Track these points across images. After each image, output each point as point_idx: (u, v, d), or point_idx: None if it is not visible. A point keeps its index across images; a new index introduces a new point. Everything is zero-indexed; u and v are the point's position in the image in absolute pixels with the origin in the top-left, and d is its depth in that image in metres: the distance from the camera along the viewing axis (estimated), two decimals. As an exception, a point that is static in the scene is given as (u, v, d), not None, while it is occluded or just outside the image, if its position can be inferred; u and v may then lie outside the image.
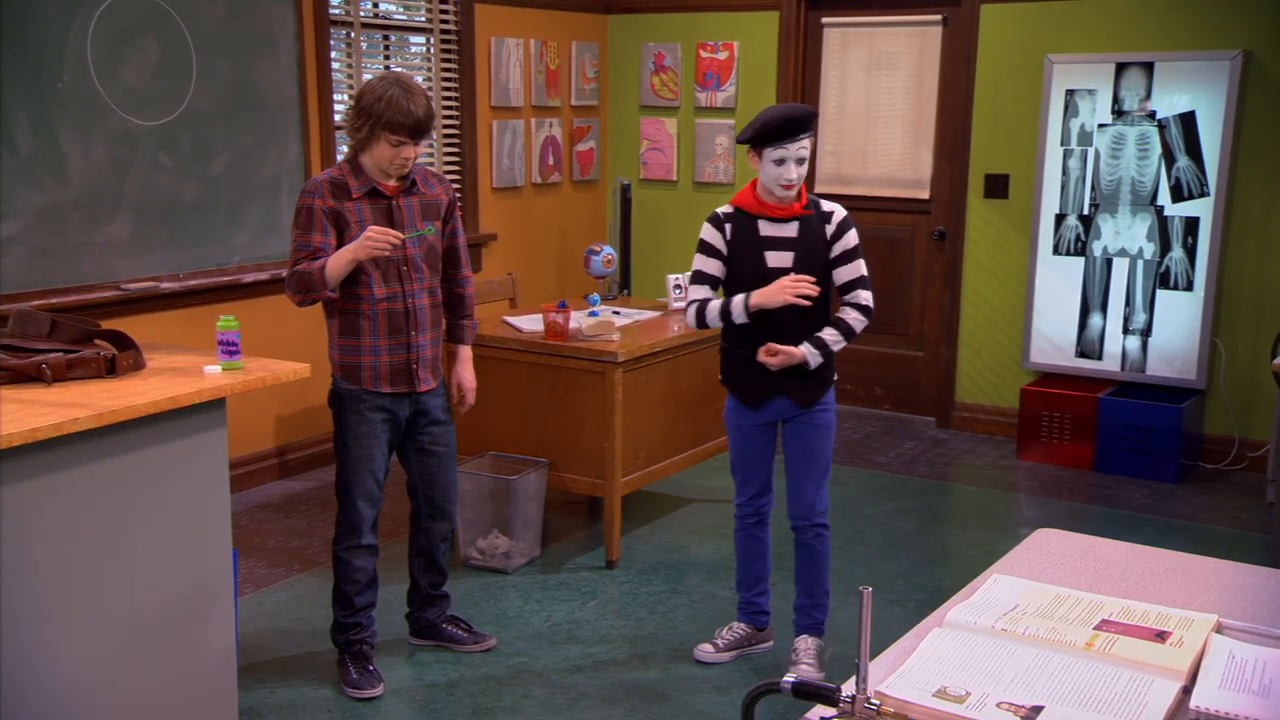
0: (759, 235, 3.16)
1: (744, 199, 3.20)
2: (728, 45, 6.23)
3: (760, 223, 3.16)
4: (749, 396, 3.27)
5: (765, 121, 3.05)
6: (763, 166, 3.10)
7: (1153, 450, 5.10)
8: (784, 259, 3.15)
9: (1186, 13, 5.04)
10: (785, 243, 3.15)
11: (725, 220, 3.20)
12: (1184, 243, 5.06)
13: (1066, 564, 1.87)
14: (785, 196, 3.13)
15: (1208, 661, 1.48)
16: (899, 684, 1.41)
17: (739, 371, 3.26)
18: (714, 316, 3.18)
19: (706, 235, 3.22)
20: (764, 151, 3.07)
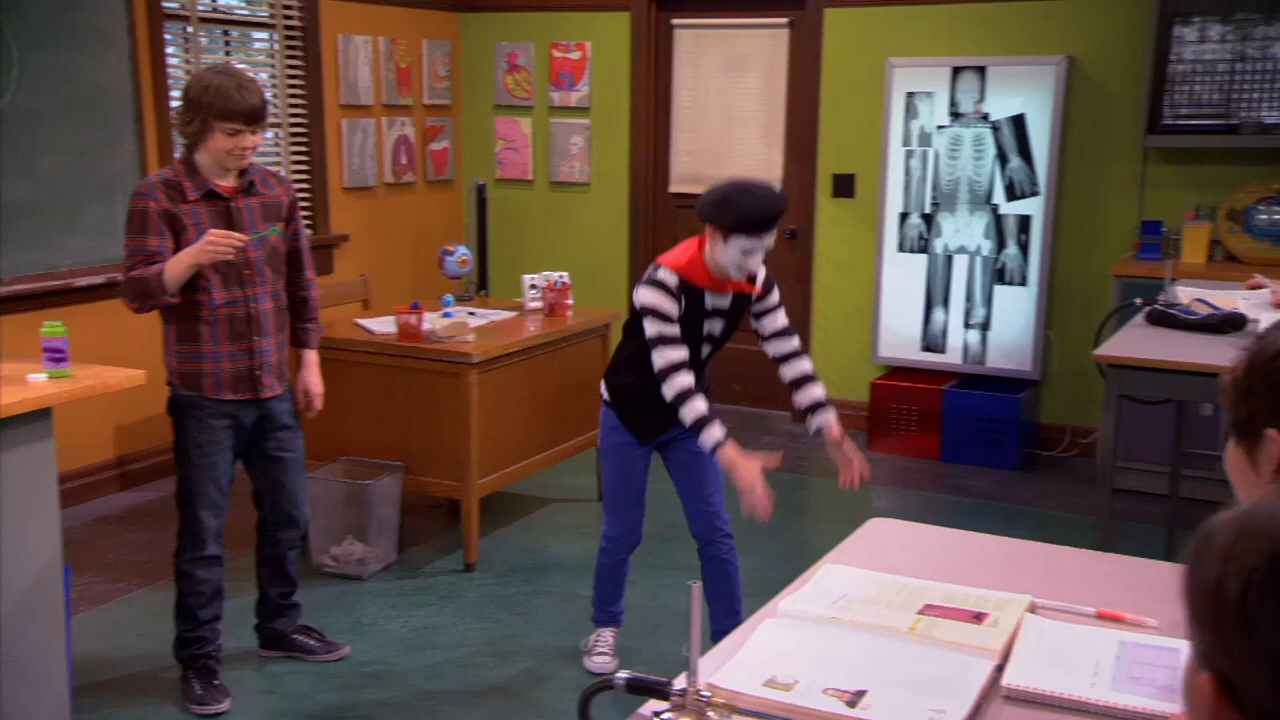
0: (704, 307, 3.00)
1: (694, 273, 2.96)
2: (580, 45, 6.25)
3: (705, 295, 2.99)
4: (648, 431, 3.16)
5: (745, 213, 2.83)
6: (725, 248, 2.87)
7: (995, 439, 5.31)
8: (716, 326, 3.06)
9: (1015, 19, 5.28)
10: (719, 312, 3.05)
11: (679, 293, 2.94)
12: (1018, 240, 5.30)
13: (897, 552, 1.95)
14: (740, 279, 2.98)
15: (1020, 640, 1.56)
16: (730, 675, 1.44)
17: (637, 406, 3.12)
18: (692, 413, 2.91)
19: (660, 305, 2.92)
20: (733, 237, 2.85)
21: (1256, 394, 1.29)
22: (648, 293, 2.94)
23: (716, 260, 2.92)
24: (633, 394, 3.13)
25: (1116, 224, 5.22)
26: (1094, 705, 1.41)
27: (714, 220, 2.88)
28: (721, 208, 2.87)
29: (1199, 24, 4.76)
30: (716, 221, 2.88)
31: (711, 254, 2.93)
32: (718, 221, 2.87)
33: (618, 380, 3.18)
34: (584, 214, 6.43)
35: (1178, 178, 5.07)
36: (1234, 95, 4.74)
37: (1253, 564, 0.80)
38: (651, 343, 2.95)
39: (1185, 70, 4.80)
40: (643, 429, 3.16)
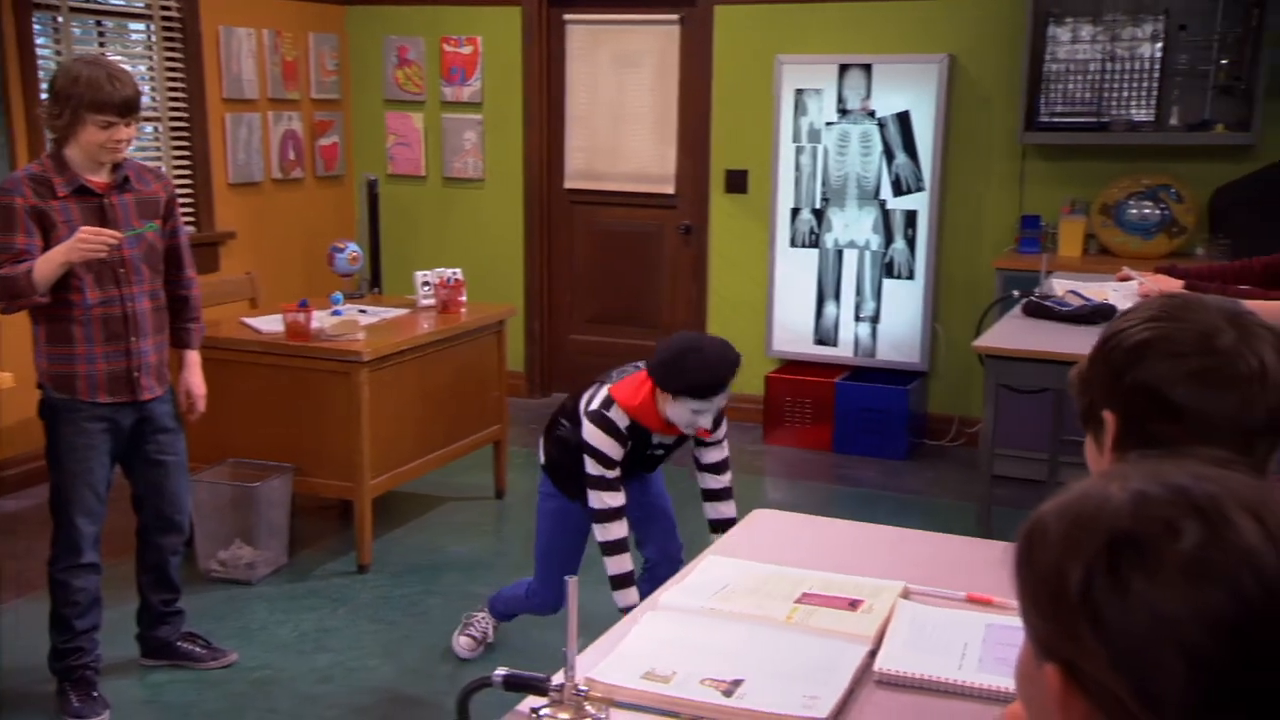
0: (650, 444, 2.97)
1: (645, 417, 2.87)
2: (471, 40, 6.20)
3: (653, 435, 2.95)
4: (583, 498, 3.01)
5: (696, 379, 2.76)
6: (674, 407, 2.80)
7: (884, 430, 5.43)
8: (659, 452, 3.04)
9: (898, 18, 5.40)
10: (666, 446, 3.03)
11: (628, 437, 2.88)
12: (905, 234, 5.42)
13: (779, 542, 1.98)
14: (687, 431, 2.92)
15: (893, 626, 1.60)
16: (609, 669, 1.45)
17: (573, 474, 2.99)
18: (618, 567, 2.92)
19: (607, 449, 2.85)
20: (681, 399, 2.78)
21: (1094, 381, 1.35)
22: (595, 434, 2.85)
23: (668, 416, 2.84)
24: (569, 454, 3.01)
25: (998, 218, 5.38)
26: (961, 686, 1.46)
27: (664, 384, 2.79)
28: (670, 372, 2.78)
29: (1071, 24, 4.93)
30: (666, 386, 2.78)
31: (661, 406, 2.84)
32: (667, 386, 2.78)
33: (555, 445, 3.07)
34: (478, 210, 6.39)
35: (1054, 173, 5.24)
36: (1105, 94, 4.92)
37: (1092, 551, 0.83)
38: (590, 483, 2.89)
39: (1059, 69, 4.97)
40: (579, 494, 3.03)
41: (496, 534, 4.63)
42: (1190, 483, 0.83)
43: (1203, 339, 1.29)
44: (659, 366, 2.80)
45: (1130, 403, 1.31)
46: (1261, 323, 1.34)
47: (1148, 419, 1.30)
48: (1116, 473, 0.89)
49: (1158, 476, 0.85)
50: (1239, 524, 0.80)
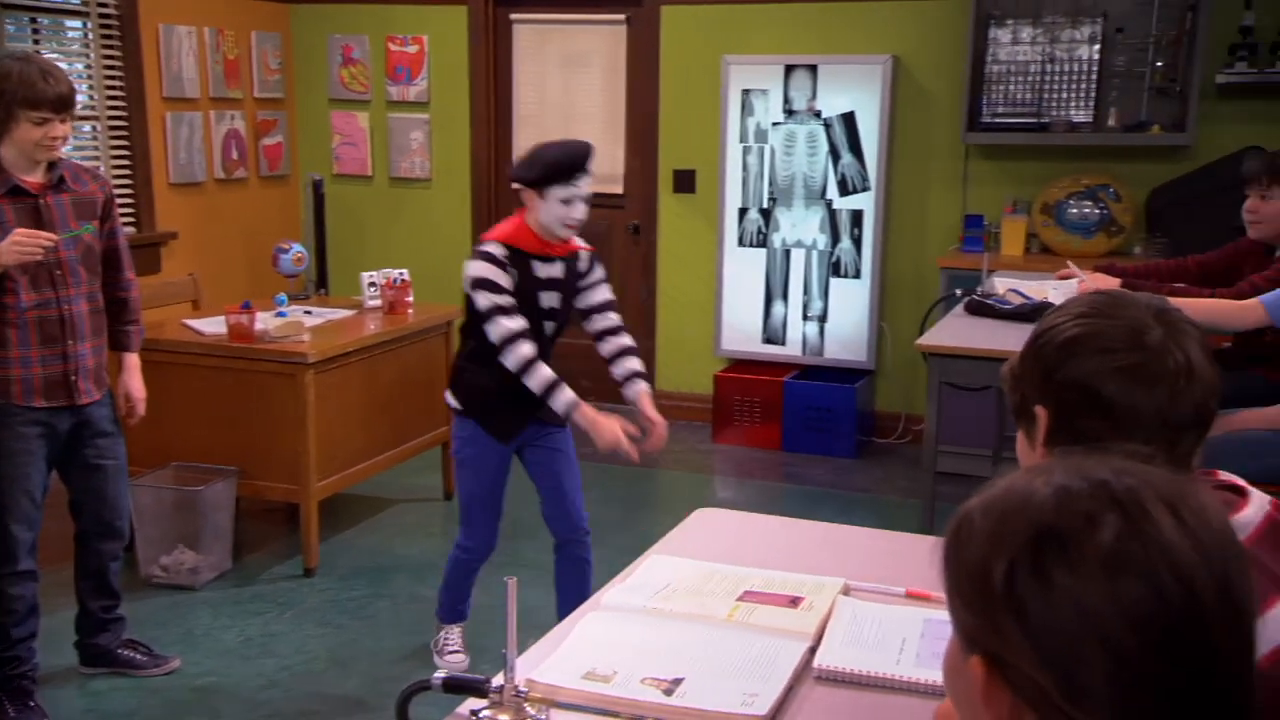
0: (534, 276, 3.00)
1: (521, 238, 2.97)
2: (417, 39, 6.17)
3: (534, 262, 3.00)
4: (504, 429, 3.10)
5: (552, 159, 2.91)
6: (544, 206, 2.91)
7: (832, 428, 5.47)
8: (553, 299, 3.05)
9: (842, 19, 5.44)
10: (553, 282, 3.04)
11: (507, 262, 2.94)
12: (851, 234, 5.46)
13: (722, 541, 1.99)
14: (566, 236, 3.00)
15: (833, 622, 1.62)
16: (550, 670, 1.45)
17: (491, 402, 3.06)
18: (540, 381, 2.92)
19: (491, 275, 2.91)
20: (549, 190, 2.89)
21: (1026, 377, 1.37)
22: (476, 265, 2.93)
23: (540, 221, 2.96)
24: (484, 393, 3.07)
25: (942, 218, 5.44)
26: (898, 681, 1.47)
27: (527, 179, 2.93)
28: (531, 164, 2.93)
29: (1011, 26, 5.00)
30: (530, 179, 2.92)
31: (534, 217, 2.97)
32: (531, 179, 2.92)
33: (465, 383, 3.11)
34: (425, 210, 6.35)
35: (996, 173, 5.31)
36: (1045, 95, 4.99)
37: (1016, 545, 0.84)
38: (487, 315, 2.92)
39: (1000, 70, 5.03)
40: (503, 427, 3.09)
41: (445, 535, 4.59)
42: (1111, 477, 0.85)
43: (1132, 335, 1.31)
44: (519, 168, 2.96)
45: (1061, 398, 1.33)
46: (1187, 319, 1.37)
47: (1078, 414, 1.32)
48: (1041, 468, 0.90)
49: (1080, 471, 0.87)
50: (1157, 518, 0.81)
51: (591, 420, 2.94)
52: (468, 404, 3.12)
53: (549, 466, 3.20)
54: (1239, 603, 0.81)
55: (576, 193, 2.92)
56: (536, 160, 2.94)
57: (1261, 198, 3.45)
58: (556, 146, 2.98)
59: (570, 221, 2.95)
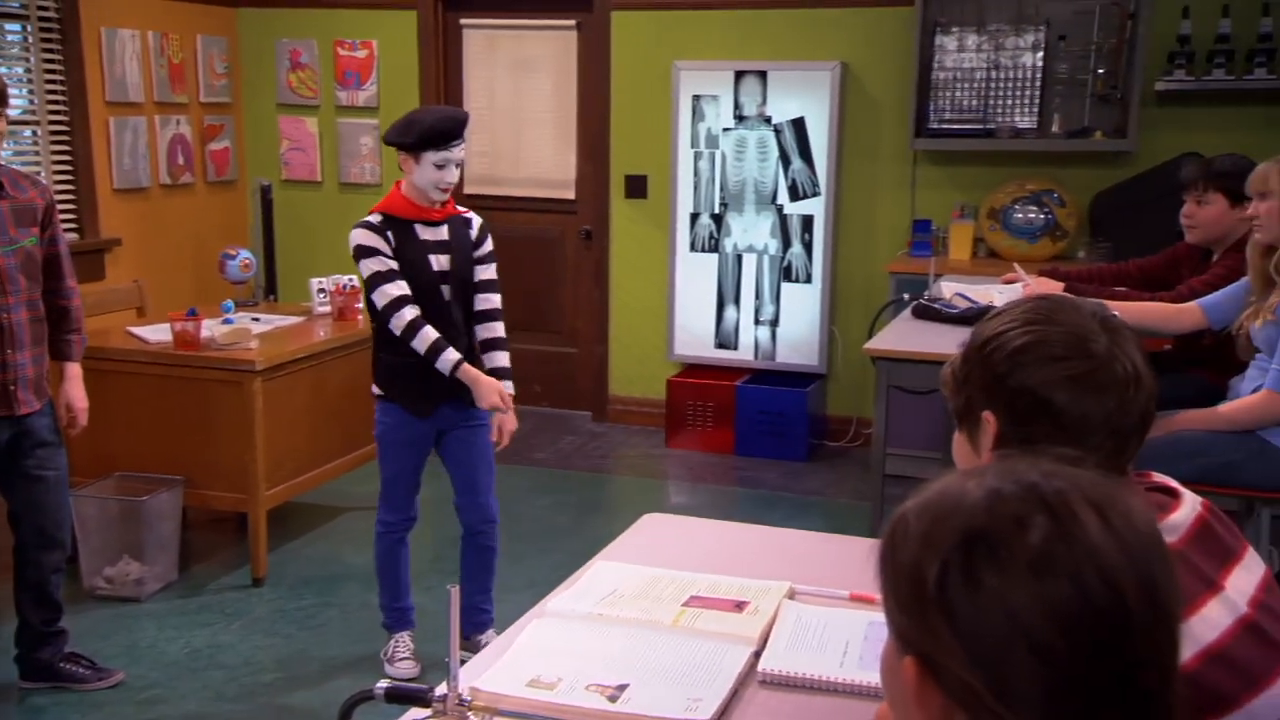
0: (419, 239, 3.11)
1: (394, 205, 3.11)
2: (366, 44, 6.12)
3: (416, 227, 3.11)
4: (420, 404, 3.18)
5: (428, 126, 3.01)
6: (419, 170, 3.04)
7: (784, 432, 5.50)
8: (443, 262, 3.14)
9: (791, 25, 5.48)
10: (441, 245, 3.14)
11: (383, 227, 3.07)
12: (802, 239, 5.50)
13: (669, 546, 1.99)
14: (440, 199, 3.11)
15: (778, 626, 1.62)
16: (494, 678, 1.45)
17: (404, 380, 3.15)
18: (424, 342, 3.04)
19: (369, 241, 3.05)
20: (423, 155, 3.01)
21: (972, 382, 1.38)
22: (355, 235, 3.05)
23: (416, 185, 3.07)
24: (395, 371, 3.16)
25: (891, 223, 5.49)
26: (841, 684, 1.48)
27: (402, 143, 3.02)
28: (406, 128, 3.02)
29: (957, 34, 5.06)
30: (404, 143, 3.01)
31: (410, 183, 3.08)
32: (406, 143, 3.01)
33: (380, 366, 3.21)
34: (376, 216, 6.30)
35: (944, 179, 5.37)
36: (990, 101, 5.06)
37: (947, 546, 0.85)
38: (371, 284, 3.04)
39: (947, 77, 5.09)
40: (418, 403, 3.18)
41: (396, 543, 4.57)
42: (1041, 480, 0.86)
43: (1078, 343, 1.33)
44: (395, 131, 3.04)
45: (1012, 405, 1.34)
46: (1126, 325, 1.39)
47: (1029, 420, 1.33)
48: (975, 471, 0.92)
49: (1011, 474, 0.88)
50: (1084, 520, 0.83)
51: (474, 378, 3.07)
52: (385, 386, 3.20)
53: (464, 457, 3.29)
54: (1163, 604, 0.82)
55: (450, 157, 3.03)
56: (413, 126, 3.03)
57: (1198, 203, 3.52)
58: (433, 113, 3.08)
59: (443, 185, 3.06)
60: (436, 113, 3.08)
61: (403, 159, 3.07)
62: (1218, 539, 1.39)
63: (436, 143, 2.99)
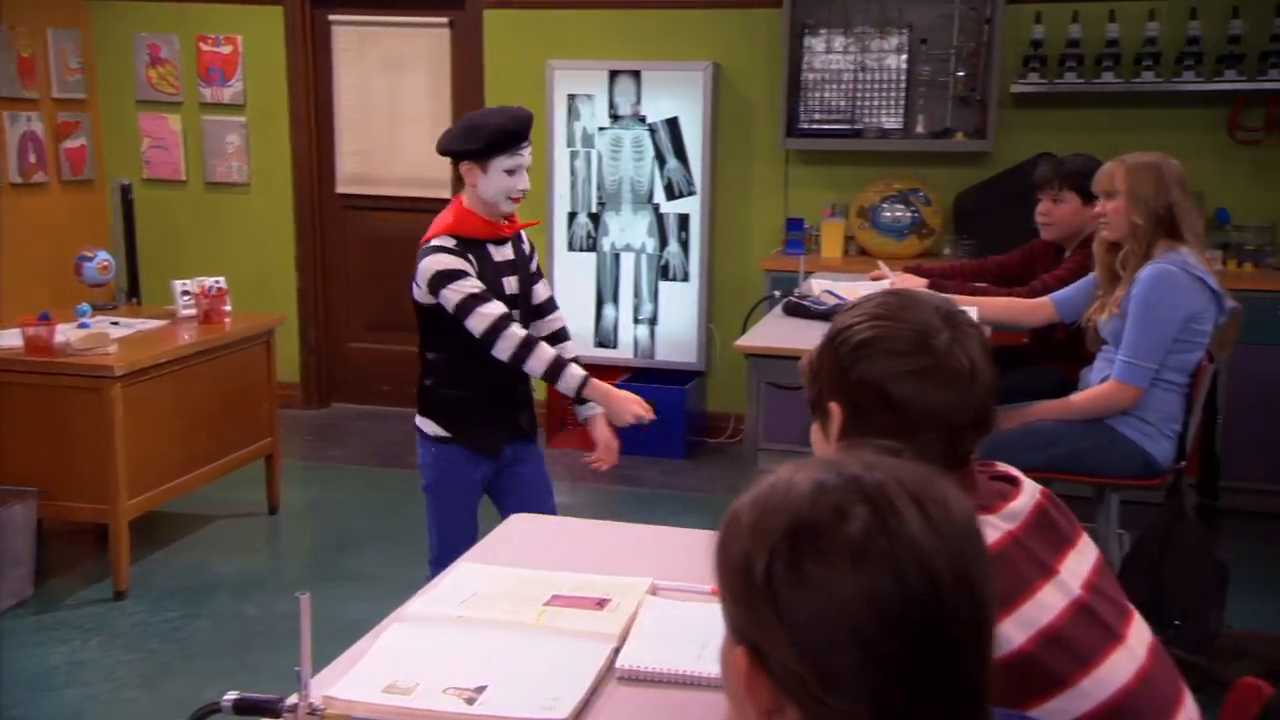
0: (493, 261, 2.80)
1: (467, 225, 2.78)
2: (230, 39, 5.96)
3: (489, 247, 2.80)
4: (493, 443, 2.90)
5: (497, 127, 2.71)
6: (487, 179, 2.73)
7: (664, 430, 5.52)
8: (513, 284, 2.85)
9: (664, 26, 5.51)
10: (510, 266, 2.85)
11: (463, 250, 2.74)
12: (679, 238, 5.55)
13: (535, 547, 1.99)
14: (511, 210, 2.82)
15: (638, 623, 1.64)
16: (349, 685, 1.43)
17: (478, 417, 2.86)
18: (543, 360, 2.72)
19: (453, 264, 2.71)
20: (492, 162, 2.71)
21: (822, 374, 1.42)
22: (431, 261, 2.71)
23: (483, 198, 2.77)
24: (465, 407, 2.86)
25: (765, 221, 5.57)
26: (699, 678, 1.50)
27: (467, 151, 2.72)
28: (471, 134, 2.73)
29: (825, 36, 5.16)
30: (470, 151, 2.72)
31: (475, 196, 2.78)
32: (471, 149, 2.71)
33: (440, 401, 2.87)
34: (245, 216, 6.14)
35: (815, 178, 5.48)
36: (858, 102, 5.18)
37: (774, 538, 0.87)
38: (463, 310, 2.68)
39: (816, 78, 5.19)
40: (490, 441, 2.89)
41: (270, 551, 4.47)
42: (863, 472, 0.89)
43: (921, 338, 1.37)
44: (457, 139, 2.74)
45: (855, 397, 1.38)
46: (970, 322, 1.44)
47: (871, 412, 1.37)
48: (804, 463, 0.94)
49: (835, 466, 0.90)
50: (903, 511, 0.85)
51: (605, 393, 2.80)
52: (451, 424, 2.87)
53: (532, 493, 2.99)
54: (977, 592, 0.86)
55: (522, 162, 2.75)
56: (478, 129, 2.73)
57: (1054, 201, 3.66)
58: (498, 113, 2.79)
59: (515, 194, 2.78)
60: (502, 113, 2.77)
61: (466, 169, 2.75)
62: (1055, 525, 1.44)
63: (507, 145, 2.70)
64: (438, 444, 2.89)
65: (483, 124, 2.74)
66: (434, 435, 2.89)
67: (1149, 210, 3.03)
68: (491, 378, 2.82)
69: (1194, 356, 3.05)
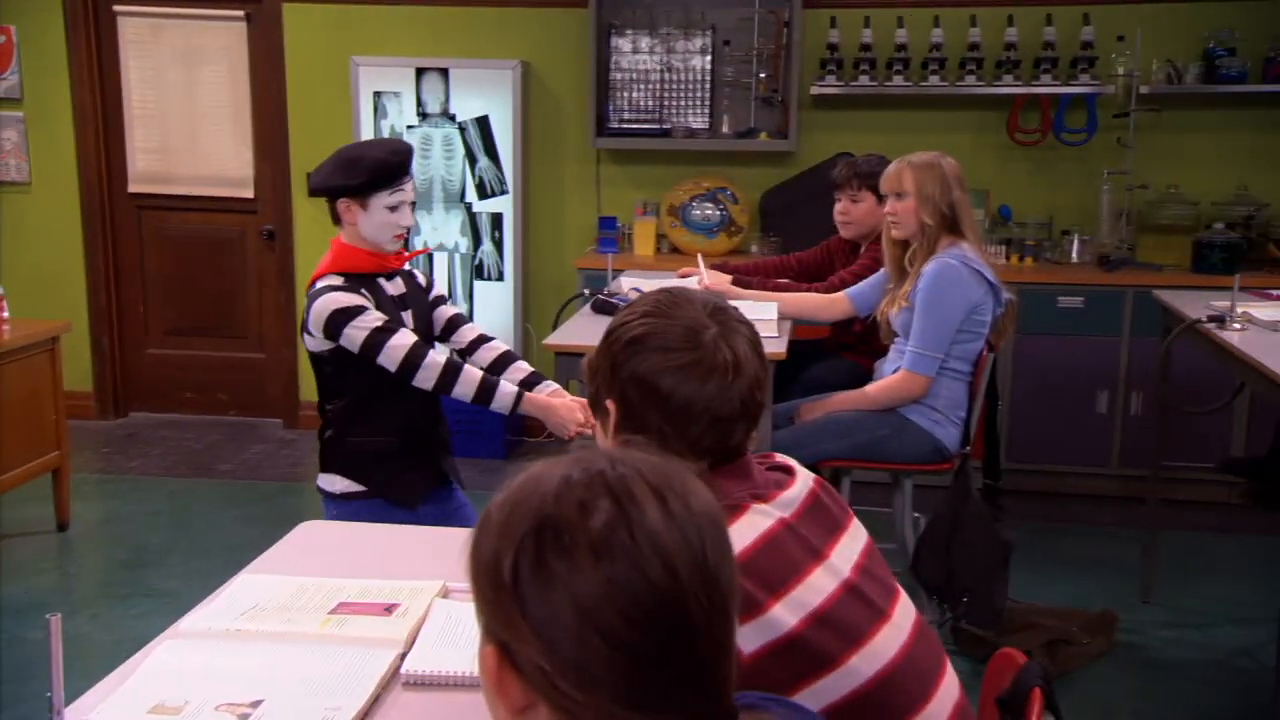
0: (388, 297, 2.63)
1: (353, 261, 2.60)
2: (3, 29, 5.59)
3: (381, 283, 2.63)
4: (413, 489, 2.70)
5: (376, 161, 2.55)
6: (368, 217, 2.55)
7: (483, 431, 5.48)
8: (409, 319, 2.67)
9: (470, 24, 5.46)
10: (402, 300, 2.67)
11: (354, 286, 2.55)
12: (492, 237, 5.51)
13: (324, 554, 1.94)
14: (395, 248, 2.63)
15: (426, 627, 1.61)
16: (110, 708, 1.36)
17: (390, 465, 2.65)
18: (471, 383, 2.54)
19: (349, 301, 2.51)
20: (373, 199, 2.54)
21: (600, 371, 1.44)
22: (325, 301, 2.51)
23: (365, 237, 2.59)
24: (377, 457, 2.65)
25: (578, 220, 5.59)
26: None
27: (343, 188, 2.55)
28: (349, 168, 2.56)
29: (631, 36, 5.22)
30: (348, 187, 2.55)
31: (357, 234, 2.60)
32: (348, 186, 2.55)
33: (348, 452, 2.66)
34: (24, 217, 5.78)
35: (627, 176, 5.53)
36: (665, 102, 5.25)
37: (520, 535, 0.87)
38: (371, 346, 2.49)
39: (623, 78, 5.24)
40: (408, 491, 2.69)
41: (60, 570, 4.22)
42: (607, 467, 0.90)
43: (689, 334, 1.40)
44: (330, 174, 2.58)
45: (625, 393, 1.41)
46: (740, 318, 1.48)
47: (641, 407, 1.40)
48: (556, 459, 0.94)
49: (582, 461, 0.91)
50: (644, 504, 0.87)
51: (543, 407, 2.63)
52: (363, 476, 2.65)
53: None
54: (715, 580, 0.87)
55: (404, 197, 2.59)
56: (355, 163, 2.56)
57: (852, 200, 3.79)
58: (376, 146, 2.64)
59: (399, 231, 2.60)
60: (381, 145, 2.62)
61: (344, 207, 2.58)
62: (827, 511, 1.50)
63: (389, 180, 2.54)
64: (346, 501, 2.67)
65: (360, 157, 2.58)
66: (341, 493, 2.67)
67: (935, 209, 3.18)
68: (405, 419, 2.65)
69: (976, 346, 3.22)
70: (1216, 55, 4.86)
